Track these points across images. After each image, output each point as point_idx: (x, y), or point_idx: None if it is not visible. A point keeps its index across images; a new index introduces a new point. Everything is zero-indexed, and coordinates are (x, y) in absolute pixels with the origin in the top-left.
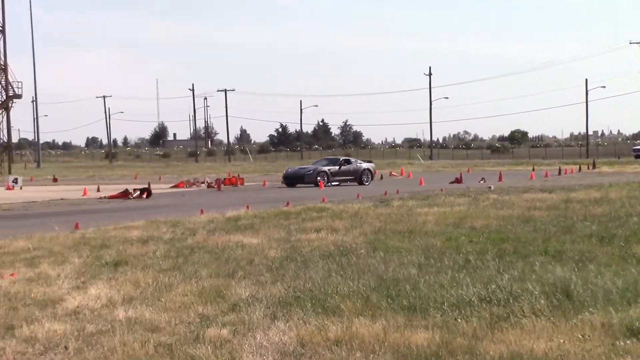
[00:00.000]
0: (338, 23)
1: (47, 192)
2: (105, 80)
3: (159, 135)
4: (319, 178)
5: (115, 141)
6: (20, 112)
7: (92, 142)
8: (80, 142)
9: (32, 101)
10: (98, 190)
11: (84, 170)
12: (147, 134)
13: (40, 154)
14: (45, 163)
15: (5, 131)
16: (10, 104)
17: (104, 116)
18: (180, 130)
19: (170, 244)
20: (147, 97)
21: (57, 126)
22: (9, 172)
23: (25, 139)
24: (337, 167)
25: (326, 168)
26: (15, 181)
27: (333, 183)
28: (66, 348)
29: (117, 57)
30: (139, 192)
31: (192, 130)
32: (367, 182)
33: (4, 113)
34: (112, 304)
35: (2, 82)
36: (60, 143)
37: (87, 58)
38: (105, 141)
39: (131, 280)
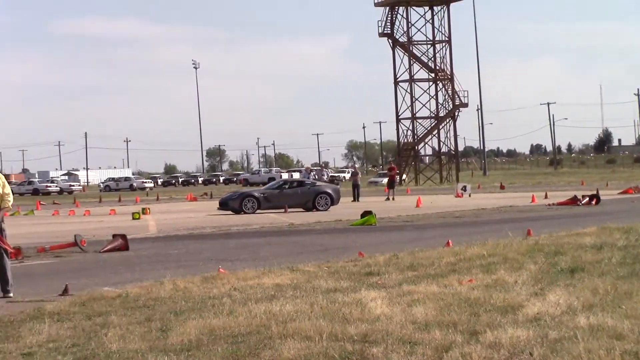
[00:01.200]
0: None
1: (494, 199)
2: (550, 87)
3: (603, 141)
4: (243, 203)
5: (559, 148)
6: (465, 121)
7: (536, 149)
8: (525, 149)
9: (477, 109)
10: (546, 197)
11: (530, 177)
12: (591, 140)
13: (485, 161)
14: (491, 170)
15: (452, 139)
16: (456, 113)
17: (548, 123)
18: (624, 135)
19: (625, 250)
20: (591, 103)
21: (501, 133)
22: (457, 180)
23: (471, 147)
24: (276, 190)
25: (256, 192)
26: (464, 189)
27: (268, 209)
28: (531, 354)
29: (562, 63)
30: (587, 199)
31: (637, 136)
32: (323, 207)
33: (450, 122)
34: (571, 311)
35: (449, 92)
36: (504, 150)
37: (532, 65)
38: (549, 148)
39: (589, 287)
